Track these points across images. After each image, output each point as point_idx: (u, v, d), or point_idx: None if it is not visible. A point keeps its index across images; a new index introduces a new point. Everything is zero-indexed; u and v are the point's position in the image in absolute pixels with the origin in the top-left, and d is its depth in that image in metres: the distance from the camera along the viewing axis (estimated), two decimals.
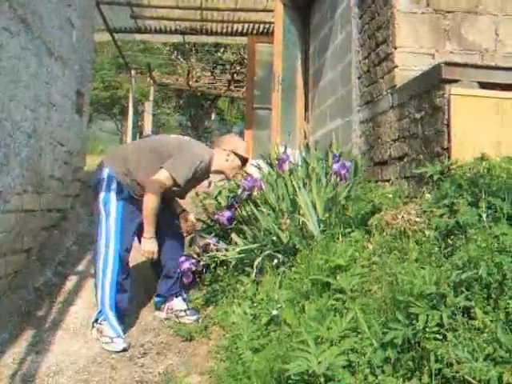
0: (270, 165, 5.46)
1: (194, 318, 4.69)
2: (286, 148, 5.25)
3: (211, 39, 13.72)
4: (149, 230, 4.47)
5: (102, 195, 4.51)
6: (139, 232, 4.61)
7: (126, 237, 4.57)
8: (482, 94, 4.11)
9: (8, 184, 4.72)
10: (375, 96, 5.56)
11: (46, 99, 5.67)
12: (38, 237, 5.62)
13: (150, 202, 4.38)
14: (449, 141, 3.96)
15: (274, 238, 4.39)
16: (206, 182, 8.28)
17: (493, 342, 2.14)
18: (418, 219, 3.37)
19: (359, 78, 6.15)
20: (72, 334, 4.52)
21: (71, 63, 6.66)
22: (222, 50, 19.91)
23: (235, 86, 20.39)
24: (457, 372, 2.09)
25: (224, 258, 4.66)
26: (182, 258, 4.74)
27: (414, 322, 2.35)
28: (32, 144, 5.29)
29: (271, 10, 9.76)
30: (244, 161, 4.99)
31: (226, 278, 4.64)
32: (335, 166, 4.45)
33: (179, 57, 20.34)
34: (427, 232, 3.20)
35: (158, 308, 4.93)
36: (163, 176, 4.41)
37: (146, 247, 4.54)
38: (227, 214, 4.94)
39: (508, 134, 3.93)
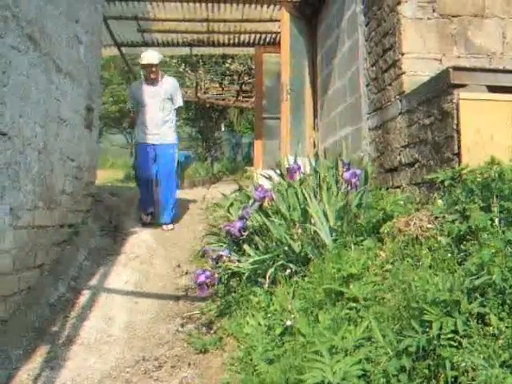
0: (281, 174, 5.45)
1: None
2: (296, 157, 5.24)
3: (218, 50, 13.73)
4: None
5: None
6: None
7: None
8: (491, 98, 4.09)
9: (20, 200, 4.75)
10: (384, 103, 5.56)
11: (55, 115, 5.70)
12: (50, 252, 5.63)
13: None
14: (459, 146, 3.94)
15: (286, 248, 4.38)
16: (201, 195, 9.05)
17: (509, 349, 2.12)
18: (430, 225, 3.35)
19: (367, 85, 6.15)
20: (86, 348, 4.53)
21: (80, 79, 6.69)
22: (229, 61, 19.89)
23: (244, 97, 20.38)
24: (473, 379, 2.08)
25: (237, 269, 4.65)
26: (198, 271, 4.74)
27: (428, 329, 2.33)
28: (43, 160, 5.32)
29: (278, 20, 9.78)
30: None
31: (239, 290, 4.63)
32: (345, 175, 4.43)
33: (187, 69, 20.36)
34: (440, 238, 3.18)
35: None
36: None
37: None
38: (238, 224, 4.93)
39: None
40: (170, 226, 7.81)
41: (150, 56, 7.93)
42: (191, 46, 12.34)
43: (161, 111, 7.94)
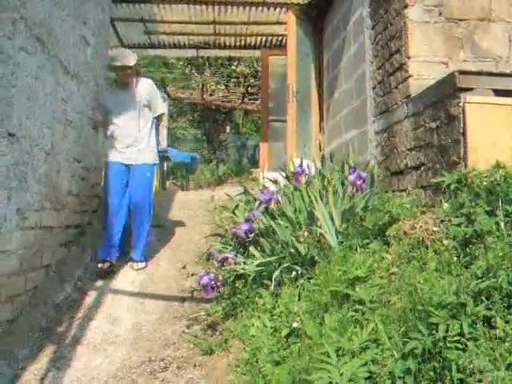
0: (287, 177, 5.46)
1: None
2: (302, 160, 5.26)
3: (225, 53, 13.76)
4: None
5: None
6: None
7: None
8: (498, 102, 4.10)
9: (27, 201, 4.77)
10: (390, 106, 5.56)
11: (62, 116, 5.73)
12: (56, 253, 5.66)
13: None
14: (465, 149, 3.95)
15: (292, 251, 4.39)
16: (206, 197, 8.48)
17: None
18: (435, 229, 3.36)
19: (373, 88, 6.16)
20: (92, 349, 4.55)
21: (86, 80, 6.71)
22: (235, 63, 19.95)
23: (249, 99, 20.45)
24: (479, 381, 2.08)
25: (242, 271, 4.66)
26: (202, 273, 4.75)
27: (434, 331, 2.34)
28: (50, 161, 5.34)
29: (284, 23, 9.80)
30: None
31: (245, 291, 4.64)
32: (351, 177, 4.44)
33: (193, 71, 20.43)
34: (445, 241, 3.18)
35: None
36: None
37: None
38: (245, 227, 4.94)
39: None
40: (142, 265, 6.41)
41: (126, 56, 6.48)
42: (197, 48, 12.36)
43: (137, 122, 6.49)
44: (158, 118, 6.83)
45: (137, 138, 6.45)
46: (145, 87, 6.62)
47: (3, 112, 4.27)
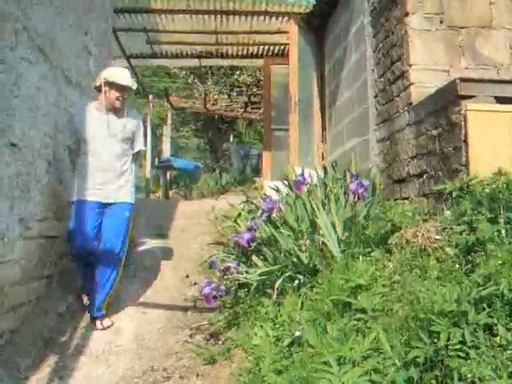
0: (289, 186, 5.45)
1: None
2: (303, 169, 5.25)
3: (227, 62, 13.80)
4: None
5: None
6: None
7: None
8: (499, 109, 4.09)
9: (29, 211, 4.77)
10: (392, 114, 5.56)
11: (64, 126, 5.72)
12: (58, 263, 5.65)
13: None
14: (467, 157, 3.94)
15: (295, 259, 4.38)
16: (209, 206, 8.18)
17: None
18: (437, 237, 3.36)
19: (375, 96, 6.16)
20: (95, 359, 4.53)
21: (89, 90, 6.72)
22: (238, 73, 19.95)
23: (252, 108, 20.42)
24: None
25: (245, 280, 4.65)
26: (203, 283, 4.74)
27: (436, 340, 2.33)
28: (52, 171, 5.34)
29: (286, 32, 9.83)
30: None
31: (248, 301, 4.62)
32: (352, 186, 4.44)
33: (196, 80, 20.45)
34: (447, 249, 3.18)
35: None
36: None
37: None
38: (247, 236, 4.93)
39: None
40: (107, 323, 5.13)
41: (129, 77, 5.50)
42: (200, 58, 12.41)
43: (119, 155, 5.42)
44: (137, 155, 5.76)
45: (117, 173, 5.39)
46: (131, 118, 5.58)
47: (6, 122, 4.27)
